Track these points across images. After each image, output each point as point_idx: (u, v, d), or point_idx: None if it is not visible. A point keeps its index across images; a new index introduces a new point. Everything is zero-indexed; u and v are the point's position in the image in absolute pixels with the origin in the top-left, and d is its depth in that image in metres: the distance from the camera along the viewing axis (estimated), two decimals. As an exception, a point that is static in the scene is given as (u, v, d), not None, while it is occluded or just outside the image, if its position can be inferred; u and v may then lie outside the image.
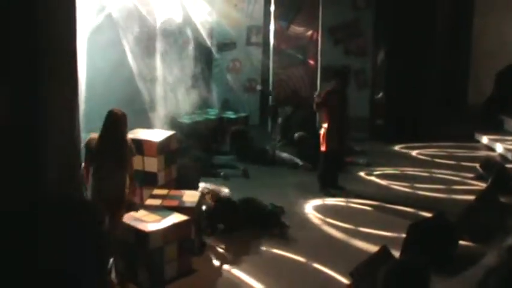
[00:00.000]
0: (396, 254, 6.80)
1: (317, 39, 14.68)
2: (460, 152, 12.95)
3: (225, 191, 9.27)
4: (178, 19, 14.33)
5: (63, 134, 6.65)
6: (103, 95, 12.00)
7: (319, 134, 10.11)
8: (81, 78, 7.98)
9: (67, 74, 6.76)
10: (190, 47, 15.00)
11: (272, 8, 14.93)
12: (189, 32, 14.81)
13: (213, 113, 14.32)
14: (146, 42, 13.43)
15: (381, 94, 14.62)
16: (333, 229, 8.64)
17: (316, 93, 10.33)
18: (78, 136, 7.10)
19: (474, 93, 14.87)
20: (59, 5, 6.53)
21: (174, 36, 14.35)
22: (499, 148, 13.12)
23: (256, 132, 13.93)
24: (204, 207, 8.19)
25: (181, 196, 7.78)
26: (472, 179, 11.09)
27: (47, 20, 6.29)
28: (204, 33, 15.21)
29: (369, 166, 11.86)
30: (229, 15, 15.27)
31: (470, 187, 10.51)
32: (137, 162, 8.50)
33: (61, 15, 6.59)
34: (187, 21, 14.67)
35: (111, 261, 6.66)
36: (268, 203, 8.88)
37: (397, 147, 13.66)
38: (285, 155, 12.27)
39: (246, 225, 8.37)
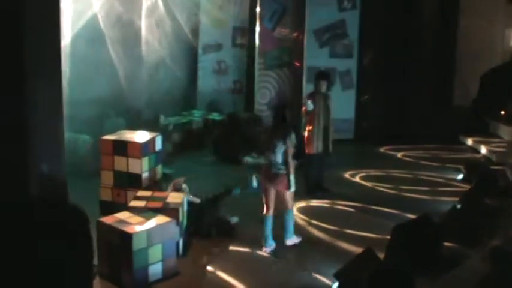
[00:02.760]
0: (381, 255, 6.81)
1: (303, 41, 14.68)
2: (445, 154, 13.01)
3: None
4: (163, 20, 14.32)
5: (48, 134, 6.62)
6: (86, 96, 12.01)
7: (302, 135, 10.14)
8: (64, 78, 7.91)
9: (52, 73, 6.74)
10: (176, 49, 14.98)
11: (258, 9, 14.92)
12: (174, 33, 14.79)
13: (198, 115, 14.28)
14: (130, 43, 13.40)
15: (366, 96, 14.68)
16: (318, 231, 8.65)
17: (305, 101, 10.24)
18: (62, 136, 7.08)
19: (460, 95, 14.93)
20: (43, 5, 6.51)
21: (159, 37, 14.33)
22: (484, 150, 13.18)
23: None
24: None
25: (166, 197, 7.76)
26: (456, 180, 11.13)
27: (31, 20, 6.26)
28: (189, 35, 15.19)
29: None
30: (214, 17, 15.25)
31: (454, 189, 10.54)
32: (121, 164, 8.50)
33: (45, 14, 6.57)
34: (173, 23, 14.66)
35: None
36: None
37: (382, 149, 13.70)
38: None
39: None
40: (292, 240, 8.04)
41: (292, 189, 7.84)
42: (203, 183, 9.94)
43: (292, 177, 7.74)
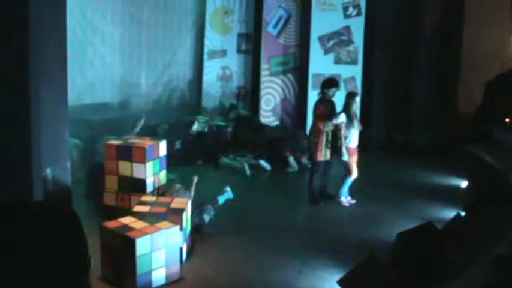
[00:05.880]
0: (384, 262, 6.80)
1: (307, 47, 14.68)
2: (449, 161, 12.94)
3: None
4: (168, 25, 14.37)
5: (53, 137, 6.66)
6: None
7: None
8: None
9: (57, 77, 6.78)
10: (181, 55, 15.03)
11: (263, 15, 14.94)
12: (179, 39, 14.84)
13: (202, 121, 14.31)
14: (134, 48, 13.46)
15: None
16: (321, 236, 8.64)
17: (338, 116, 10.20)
18: (67, 139, 7.12)
19: (464, 102, 14.90)
20: (50, 11, 6.55)
21: (164, 42, 14.39)
22: (489, 158, 13.13)
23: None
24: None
25: (170, 203, 7.76)
26: (460, 188, 11.11)
27: (37, 24, 6.30)
28: (194, 40, 15.24)
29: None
30: (219, 23, 15.29)
31: (459, 196, 10.51)
32: (125, 169, 8.51)
33: (53, 20, 6.62)
34: (178, 28, 14.71)
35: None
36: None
37: (386, 156, 13.66)
38: (234, 162, 12.45)
39: None
40: (343, 200, 10.08)
41: (344, 158, 9.91)
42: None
43: (343, 149, 9.86)
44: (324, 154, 9.95)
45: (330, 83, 10.26)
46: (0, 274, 2.43)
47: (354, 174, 10.08)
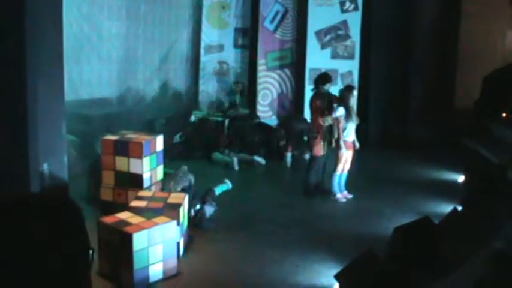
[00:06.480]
0: (381, 256, 6.80)
1: (304, 42, 14.67)
2: (446, 156, 12.96)
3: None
4: (165, 20, 14.34)
5: (50, 133, 6.66)
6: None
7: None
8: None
9: (54, 73, 6.77)
10: (178, 49, 15.01)
11: (260, 10, 14.92)
12: (176, 33, 14.81)
13: (199, 115, 14.31)
14: (131, 44, 13.43)
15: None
16: (318, 231, 8.64)
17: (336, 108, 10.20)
18: (64, 135, 7.11)
19: (461, 97, 14.91)
20: (47, 6, 6.54)
21: (161, 36, 14.36)
22: (486, 153, 13.14)
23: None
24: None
25: (167, 198, 7.76)
26: (457, 183, 11.11)
27: (33, 21, 6.29)
28: (191, 35, 15.22)
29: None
30: (216, 18, 15.27)
31: (456, 191, 10.52)
32: (122, 164, 8.50)
33: (49, 16, 6.61)
34: (175, 22, 14.68)
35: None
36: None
37: (383, 151, 13.66)
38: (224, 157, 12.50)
39: None
40: (339, 197, 10.10)
41: (342, 151, 9.91)
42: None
43: (341, 142, 9.84)
44: (322, 149, 9.96)
45: (324, 79, 10.25)
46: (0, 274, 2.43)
47: (339, 169, 10.08)
